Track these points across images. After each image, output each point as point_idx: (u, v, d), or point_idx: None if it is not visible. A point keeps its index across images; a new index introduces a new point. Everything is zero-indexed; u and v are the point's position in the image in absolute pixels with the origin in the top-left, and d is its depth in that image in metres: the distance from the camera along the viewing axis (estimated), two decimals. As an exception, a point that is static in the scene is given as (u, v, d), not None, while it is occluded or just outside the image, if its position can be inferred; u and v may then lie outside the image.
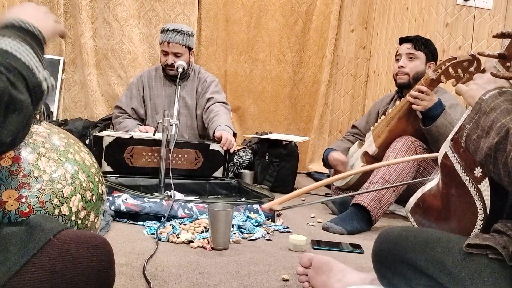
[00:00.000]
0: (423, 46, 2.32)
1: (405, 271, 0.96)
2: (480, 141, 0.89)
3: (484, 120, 0.90)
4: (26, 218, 0.99)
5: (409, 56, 2.33)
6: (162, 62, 2.71)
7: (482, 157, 0.88)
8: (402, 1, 3.31)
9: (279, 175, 2.80)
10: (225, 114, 2.65)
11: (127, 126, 2.70)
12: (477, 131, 0.91)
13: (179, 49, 2.63)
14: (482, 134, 0.89)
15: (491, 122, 0.87)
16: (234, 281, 1.32)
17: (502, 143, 0.83)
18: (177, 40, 2.61)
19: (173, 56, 2.64)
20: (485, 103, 0.92)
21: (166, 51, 2.64)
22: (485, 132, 0.88)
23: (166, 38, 2.62)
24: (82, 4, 3.25)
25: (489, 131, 0.87)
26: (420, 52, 2.32)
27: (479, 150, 0.89)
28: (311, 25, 3.68)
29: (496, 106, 0.89)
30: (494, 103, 0.90)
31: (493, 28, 2.95)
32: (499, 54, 0.98)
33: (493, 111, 0.89)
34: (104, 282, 0.88)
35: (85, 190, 1.14)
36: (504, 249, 0.84)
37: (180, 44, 2.62)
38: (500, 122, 0.85)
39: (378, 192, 2.00)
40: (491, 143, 0.85)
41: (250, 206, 1.98)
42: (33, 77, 0.85)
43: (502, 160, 0.82)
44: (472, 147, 0.93)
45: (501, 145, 0.83)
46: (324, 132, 3.81)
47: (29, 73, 0.84)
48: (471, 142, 0.93)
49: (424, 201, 1.21)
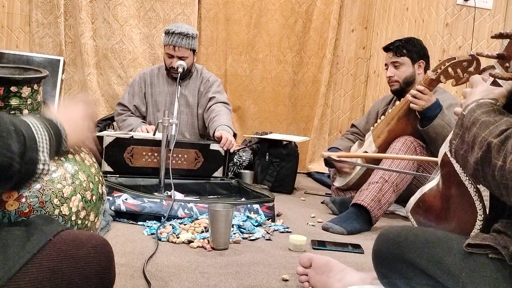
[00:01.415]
0: (405, 50, 2.31)
1: (405, 271, 0.96)
2: (467, 156, 0.88)
3: (467, 136, 0.89)
4: (26, 218, 0.99)
5: (394, 64, 2.34)
6: (167, 64, 2.70)
7: (471, 171, 0.88)
8: (402, 1, 3.31)
9: (279, 175, 2.80)
10: (226, 114, 2.65)
11: (131, 124, 2.69)
12: (463, 147, 0.91)
13: (185, 53, 2.62)
14: (468, 149, 0.88)
15: (473, 137, 0.87)
16: (234, 281, 1.32)
17: (486, 157, 0.83)
18: (183, 44, 2.60)
19: (178, 59, 2.63)
20: (466, 118, 0.91)
21: (171, 54, 2.64)
22: (470, 147, 0.88)
23: (172, 42, 2.60)
24: (82, 4, 3.25)
25: (473, 146, 0.86)
26: (402, 57, 2.32)
27: (468, 164, 0.89)
28: (311, 25, 3.68)
29: (475, 120, 0.88)
30: (473, 117, 0.89)
31: (493, 28, 2.95)
32: (498, 54, 0.98)
33: (473, 126, 0.88)
34: (104, 282, 0.88)
35: (85, 190, 1.14)
36: (504, 248, 0.84)
37: (186, 48, 2.62)
38: (481, 137, 0.85)
39: (378, 192, 2.00)
40: (476, 158, 0.85)
41: (250, 206, 1.98)
42: (34, 150, 0.85)
43: (490, 173, 0.82)
44: (461, 162, 0.92)
45: (485, 159, 0.83)
46: (324, 132, 3.81)
47: (32, 144, 0.85)
48: (459, 157, 0.93)
49: (424, 201, 1.21)
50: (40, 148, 0.87)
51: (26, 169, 0.83)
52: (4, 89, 1.04)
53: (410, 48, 2.32)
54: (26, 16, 3.29)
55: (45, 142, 0.88)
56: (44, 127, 0.91)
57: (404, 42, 2.34)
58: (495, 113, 0.87)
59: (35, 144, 0.85)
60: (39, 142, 0.87)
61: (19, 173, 0.82)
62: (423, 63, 2.33)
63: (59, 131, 0.97)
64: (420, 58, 2.33)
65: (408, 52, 2.31)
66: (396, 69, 2.34)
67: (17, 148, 0.80)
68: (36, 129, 0.88)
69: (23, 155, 0.82)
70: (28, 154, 0.83)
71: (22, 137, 0.82)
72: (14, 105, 1.06)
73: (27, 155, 0.83)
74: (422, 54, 2.34)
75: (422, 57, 2.33)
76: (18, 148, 0.81)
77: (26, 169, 0.83)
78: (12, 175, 0.81)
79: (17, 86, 1.05)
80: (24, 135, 0.83)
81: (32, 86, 1.09)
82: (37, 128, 0.88)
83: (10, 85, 1.04)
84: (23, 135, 0.83)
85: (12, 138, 0.80)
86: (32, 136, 0.86)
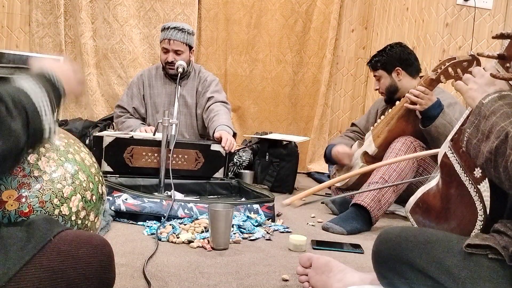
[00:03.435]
0: (378, 64, 2.40)
1: (405, 271, 0.96)
2: (481, 145, 0.89)
3: (484, 124, 0.89)
4: (26, 218, 0.99)
5: (375, 78, 2.47)
6: (162, 60, 2.71)
7: (483, 161, 0.88)
8: (402, 1, 3.31)
9: (279, 175, 2.80)
10: (225, 114, 2.64)
11: (130, 126, 2.69)
12: (477, 135, 0.91)
13: (180, 47, 2.63)
14: (482, 138, 0.89)
15: (490, 126, 0.87)
16: (234, 281, 1.32)
17: (502, 146, 0.83)
18: (178, 37, 2.61)
19: (174, 53, 2.64)
20: (485, 107, 0.92)
21: (166, 48, 2.64)
22: (485, 136, 0.88)
23: (167, 36, 2.62)
24: (82, 4, 3.25)
25: (489, 135, 0.87)
26: (378, 71, 2.42)
27: (480, 154, 0.89)
28: (311, 25, 3.68)
29: (496, 110, 0.89)
30: (493, 107, 0.90)
31: (493, 28, 2.95)
32: (498, 54, 0.98)
33: (492, 115, 0.88)
34: (104, 282, 0.88)
35: (85, 190, 1.14)
36: (504, 249, 0.84)
37: (181, 41, 2.62)
38: (499, 126, 0.85)
39: (378, 192, 2.00)
40: (491, 147, 0.85)
41: (250, 206, 1.98)
42: (37, 119, 0.87)
43: (502, 164, 0.82)
44: (473, 151, 0.93)
45: (501, 148, 0.83)
46: (324, 132, 3.81)
47: (34, 114, 0.86)
48: (471, 146, 0.93)
49: (424, 201, 1.21)
50: (42, 113, 0.88)
51: (33, 138, 0.87)
52: (4, 89, 1.04)
53: (382, 60, 2.39)
54: (26, 16, 3.29)
55: (46, 104, 0.89)
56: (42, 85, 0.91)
57: (378, 56, 2.43)
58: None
59: (36, 112, 0.87)
60: (40, 107, 0.88)
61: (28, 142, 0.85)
62: (400, 69, 2.36)
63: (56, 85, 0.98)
64: (394, 67, 2.37)
65: (381, 65, 2.40)
66: (378, 82, 2.46)
67: (19, 125, 0.82)
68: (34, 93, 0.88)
69: (27, 127, 0.84)
70: (32, 125, 0.85)
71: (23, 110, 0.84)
72: (14, 105, 1.06)
73: (31, 126, 0.85)
74: (396, 62, 2.37)
75: (396, 65, 2.37)
76: (21, 123, 0.82)
77: (33, 138, 0.87)
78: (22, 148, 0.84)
79: (17, 86, 1.05)
80: (24, 108, 0.84)
81: (32, 86, 1.09)
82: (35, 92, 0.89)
83: (10, 85, 1.04)
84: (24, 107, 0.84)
85: (13, 116, 0.81)
86: (32, 105, 0.86)
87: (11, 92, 0.83)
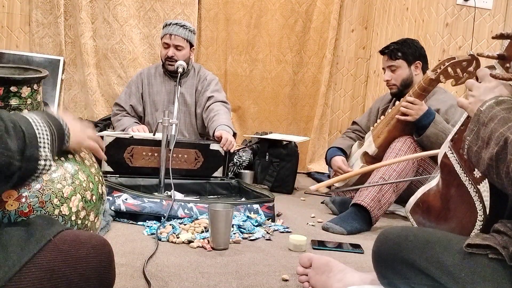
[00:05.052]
0: (400, 53, 2.30)
1: (405, 271, 0.96)
2: (481, 152, 0.89)
3: (483, 131, 0.89)
4: (26, 218, 0.99)
5: (390, 68, 2.35)
6: (162, 55, 2.71)
7: (484, 168, 0.88)
8: (402, 1, 3.31)
9: (279, 175, 2.80)
10: (225, 114, 2.64)
11: (123, 124, 2.70)
12: (477, 143, 0.91)
13: (181, 42, 2.64)
14: (482, 145, 0.89)
15: (489, 132, 0.87)
16: (234, 281, 1.32)
17: (502, 152, 0.83)
18: (180, 33, 2.63)
19: (174, 49, 2.64)
20: (483, 114, 0.91)
21: (167, 43, 2.65)
22: (485, 143, 0.88)
23: (169, 31, 2.63)
24: (82, 4, 3.25)
25: (489, 142, 0.86)
26: (398, 60, 2.31)
27: (481, 161, 0.89)
28: (311, 25, 3.68)
29: (494, 116, 0.89)
30: (491, 113, 0.90)
31: (493, 28, 2.95)
32: (498, 55, 0.98)
33: (491, 122, 0.88)
34: (104, 282, 0.88)
35: (85, 190, 1.14)
36: (504, 249, 0.84)
37: (182, 37, 2.64)
38: (498, 132, 0.85)
39: (378, 192, 2.00)
40: (491, 154, 0.85)
41: (250, 206, 1.98)
42: (34, 147, 0.85)
43: (504, 170, 0.82)
44: (474, 159, 0.92)
45: (501, 155, 0.83)
46: (324, 132, 3.81)
47: (32, 139, 0.85)
48: (472, 154, 0.93)
49: (424, 201, 1.21)
50: (41, 144, 0.86)
51: (26, 166, 0.83)
52: (4, 89, 1.04)
53: (404, 50, 2.31)
54: (26, 16, 3.28)
55: (46, 138, 0.88)
56: (46, 122, 0.90)
57: (399, 45, 2.33)
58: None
59: (35, 140, 0.85)
60: (40, 138, 0.86)
61: (20, 170, 0.82)
62: (420, 63, 2.32)
63: (61, 126, 0.97)
64: (416, 59, 2.32)
65: (403, 54, 2.31)
66: (392, 73, 2.34)
67: (16, 146, 0.80)
68: (37, 124, 0.87)
69: (23, 152, 0.81)
70: (28, 151, 0.83)
71: (21, 134, 0.82)
72: (14, 105, 1.06)
73: (27, 152, 0.82)
74: (418, 55, 2.33)
75: (418, 58, 2.32)
76: (17, 145, 0.80)
77: (26, 166, 0.83)
78: (13, 173, 0.80)
79: (17, 86, 1.05)
80: (23, 132, 0.82)
81: (32, 86, 1.09)
82: (38, 123, 0.88)
83: (10, 85, 1.04)
84: (22, 132, 0.82)
85: (10, 136, 0.79)
86: (32, 132, 0.85)
87: (12, 116, 0.83)
